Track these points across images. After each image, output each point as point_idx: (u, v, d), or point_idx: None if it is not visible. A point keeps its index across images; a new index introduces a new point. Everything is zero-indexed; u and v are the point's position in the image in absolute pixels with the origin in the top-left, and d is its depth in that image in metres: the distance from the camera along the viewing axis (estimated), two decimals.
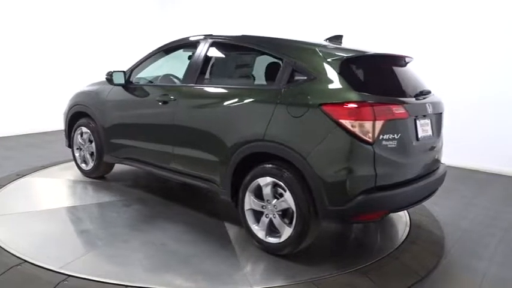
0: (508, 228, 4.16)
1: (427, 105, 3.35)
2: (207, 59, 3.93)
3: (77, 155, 5.25)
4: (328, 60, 3.11)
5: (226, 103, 3.56)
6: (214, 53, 3.96)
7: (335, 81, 3.00)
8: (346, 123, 2.83)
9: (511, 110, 6.11)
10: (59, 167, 5.69)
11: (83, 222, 3.94)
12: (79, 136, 5.13)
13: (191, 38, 4.19)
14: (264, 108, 3.25)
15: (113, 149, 4.72)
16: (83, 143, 5.09)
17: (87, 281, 2.79)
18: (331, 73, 3.04)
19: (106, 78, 4.56)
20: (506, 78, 6.12)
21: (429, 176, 3.44)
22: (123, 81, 4.47)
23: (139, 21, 10.13)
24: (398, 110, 3.01)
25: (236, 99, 3.49)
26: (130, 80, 4.54)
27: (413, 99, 3.28)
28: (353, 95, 2.90)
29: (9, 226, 3.68)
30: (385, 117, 2.90)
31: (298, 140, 3.03)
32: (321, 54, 3.19)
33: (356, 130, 2.82)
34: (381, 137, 2.88)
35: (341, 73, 3.02)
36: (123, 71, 4.49)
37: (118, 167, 5.17)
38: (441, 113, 3.66)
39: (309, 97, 3.03)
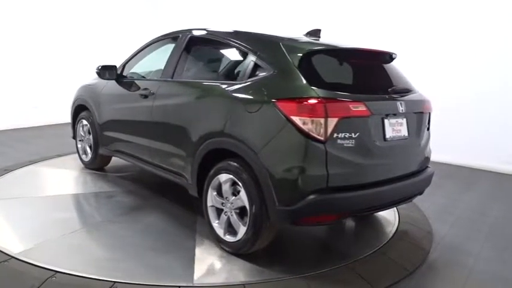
0: (494, 224, 4.22)
1: (398, 103, 3.13)
2: (182, 53, 3.92)
3: (79, 146, 5.42)
4: (290, 54, 3.01)
5: (193, 98, 3.57)
6: (189, 47, 3.94)
7: (292, 76, 2.90)
8: (297, 120, 2.72)
9: (498, 107, 6.18)
10: (48, 162, 5.66)
11: (59, 211, 3.99)
12: (81, 128, 5.30)
13: (173, 33, 4.21)
14: (225, 103, 3.20)
15: (106, 141, 4.84)
16: (84, 135, 5.26)
17: (75, 277, 2.78)
18: (290, 68, 2.94)
19: (96, 72, 4.56)
20: (496, 76, 6.18)
21: (406, 179, 3.25)
22: (113, 76, 4.50)
23: (135, 17, 10.07)
24: (357, 108, 2.83)
25: (202, 94, 3.50)
26: (124, 74, 4.59)
27: (385, 96, 3.14)
28: (306, 91, 2.78)
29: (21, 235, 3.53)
30: (340, 115, 2.74)
31: (252, 135, 2.95)
32: (283, 48, 3.08)
33: (307, 127, 2.69)
34: (335, 135, 2.72)
35: (300, 67, 2.91)
36: (113, 66, 4.51)
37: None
38: (422, 113, 3.44)
39: (265, 92, 2.95)
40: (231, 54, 3.64)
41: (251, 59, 3.21)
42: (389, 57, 3.47)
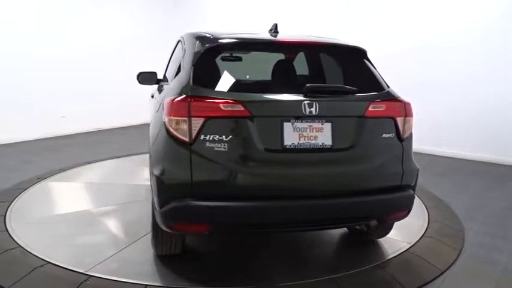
0: None
1: (305, 104, 2.60)
2: (173, 57, 3.98)
3: None
4: (196, 51, 2.87)
5: (155, 100, 3.69)
6: (176, 50, 3.95)
7: (185, 74, 2.78)
8: (166, 119, 2.61)
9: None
10: (78, 169, 5.80)
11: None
12: None
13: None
14: (156, 104, 3.26)
15: None
16: None
17: (107, 280, 2.85)
18: (188, 65, 2.82)
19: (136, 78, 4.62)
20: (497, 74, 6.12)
21: (337, 197, 2.70)
22: (152, 81, 4.33)
23: (150, 25, 10.20)
24: (231, 107, 2.52)
25: (157, 95, 3.62)
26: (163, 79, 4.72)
27: (286, 96, 2.67)
28: (181, 89, 2.65)
29: (29, 230, 3.74)
30: (207, 114, 2.49)
31: (151, 136, 3.04)
32: (196, 45, 2.93)
33: (173, 127, 2.55)
34: (203, 137, 2.49)
35: (196, 64, 2.77)
36: (153, 72, 4.49)
37: None
38: (364, 117, 2.72)
39: (167, 92, 2.93)
40: (181, 55, 3.58)
41: (181, 58, 3.14)
42: (322, 49, 3.15)
